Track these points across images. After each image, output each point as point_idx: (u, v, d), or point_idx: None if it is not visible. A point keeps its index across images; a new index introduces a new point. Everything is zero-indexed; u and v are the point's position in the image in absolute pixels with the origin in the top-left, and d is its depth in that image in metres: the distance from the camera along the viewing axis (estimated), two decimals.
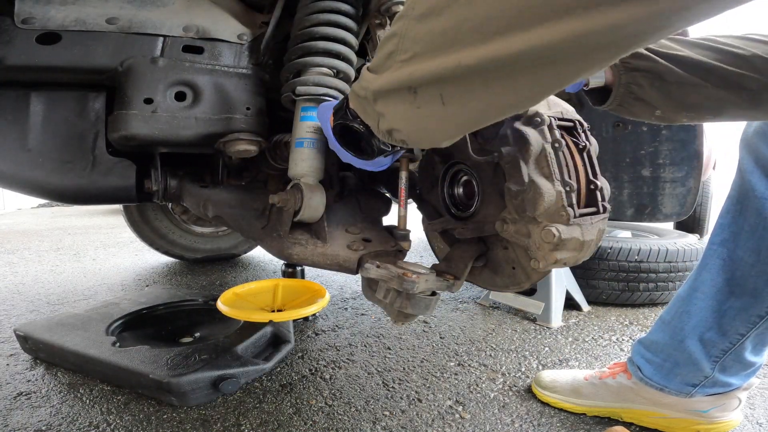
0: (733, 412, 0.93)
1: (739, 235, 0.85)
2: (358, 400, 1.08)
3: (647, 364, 0.97)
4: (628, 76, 0.63)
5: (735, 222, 0.86)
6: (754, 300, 0.84)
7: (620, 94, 0.65)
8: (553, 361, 1.30)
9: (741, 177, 0.85)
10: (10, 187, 1.00)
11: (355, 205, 1.01)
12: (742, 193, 0.85)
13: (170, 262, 2.61)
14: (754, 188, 0.82)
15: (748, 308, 0.85)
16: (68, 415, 1.00)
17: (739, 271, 0.86)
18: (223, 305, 1.10)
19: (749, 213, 0.84)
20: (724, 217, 0.89)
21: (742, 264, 0.85)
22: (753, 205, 0.83)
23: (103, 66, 0.91)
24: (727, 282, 0.88)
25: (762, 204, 0.82)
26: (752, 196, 0.83)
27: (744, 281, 0.85)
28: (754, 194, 0.82)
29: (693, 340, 0.90)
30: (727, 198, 0.88)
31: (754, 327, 0.85)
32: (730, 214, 0.88)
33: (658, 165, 1.07)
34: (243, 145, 0.98)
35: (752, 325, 0.85)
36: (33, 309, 1.76)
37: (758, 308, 0.84)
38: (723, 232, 0.88)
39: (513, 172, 0.68)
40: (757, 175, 0.81)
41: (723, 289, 0.88)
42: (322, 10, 0.91)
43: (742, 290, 0.86)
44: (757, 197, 0.82)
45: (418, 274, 0.72)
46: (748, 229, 0.84)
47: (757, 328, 0.85)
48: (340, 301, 1.84)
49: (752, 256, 0.83)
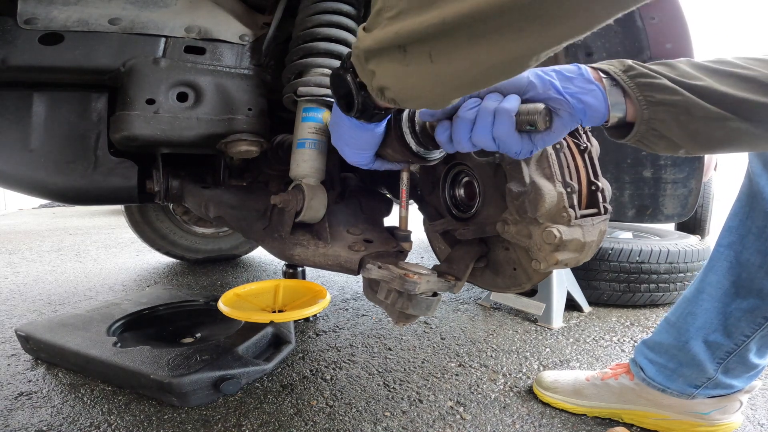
0: (734, 415, 0.93)
1: (747, 238, 0.86)
2: (359, 400, 1.08)
3: (650, 365, 0.97)
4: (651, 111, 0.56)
5: (743, 225, 0.87)
6: (760, 301, 0.84)
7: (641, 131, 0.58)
8: (554, 362, 1.30)
9: (749, 180, 0.86)
10: (12, 188, 1.00)
11: (357, 206, 1.01)
12: (751, 196, 0.85)
13: (171, 263, 2.61)
14: (762, 191, 0.83)
15: (754, 310, 0.85)
16: (69, 416, 1.00)
17: (746, 273, 0.86)
18: (224, 306, 1.10)
19: (757, 215, 0.84)
20: (732, 220, 0.89)
21: (748, 266, 0.85)
22: (761, 207, 0.83)
23: (106, 66, 0.91)
24: (733, 284, 0.88)
25: None
26: (760, 199, 0.83)
27: (750, 283, 0.85)
28: (762, 197, 0.83)
29: (698, 342, 0.90)
30: (736, 201, 0.89)
31: (759, 329, 0.85)
32: (738, 216, 0.88)
33: (659, 166, 1.07)
34: (244, 145, 0.98)
35: (757, 327, 0.85)
36: (34, 309, 1.76)
37: (764, 310, 0.84)
38: (731, 234, 0.89)
39: (514, 173, 0.68)
40: (765, 178, 0.82)
41: (729, 291, 0.88)
42: (324, 11, 0.91)
43: (748, 292, 0.86)
44: (765, 199, 0.82)
45: (420, 274, 0.72)
46: (756, 231, 0.84)
47: (762, 330, 0.85)
48: (341, 302, 1.84)
49: (759, 258, 0.84)
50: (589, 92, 0.55)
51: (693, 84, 0.55)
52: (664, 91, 0.56)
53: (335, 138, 0.71)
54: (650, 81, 0.56)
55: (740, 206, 0.88)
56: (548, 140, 0.57)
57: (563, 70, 0.56)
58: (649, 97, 0.56)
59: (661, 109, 0.56)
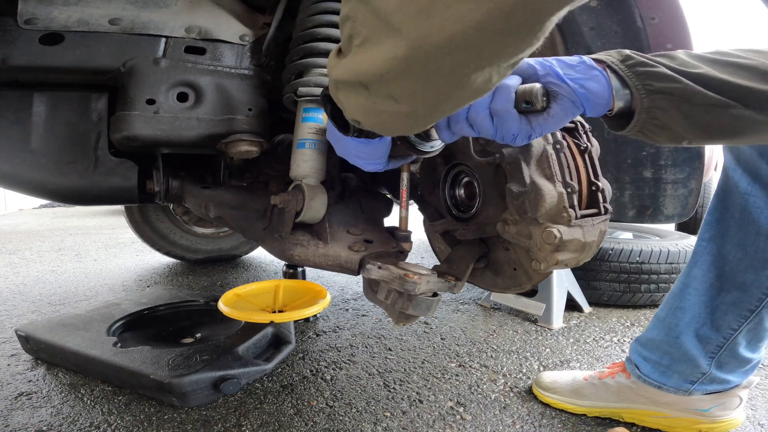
0: (735, 411, 0.93)
1: (727, 231, 0.87)
2: (359, 401, 1.08)
3: (644, 362, 0.98)
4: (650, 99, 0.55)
5: (722, 218, 0.88)
6: (743, 294, 0.85)
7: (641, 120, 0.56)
8: (554, 362, 1.30)
9: (725, 175, 0.88)
10: (13, 188, 1.00)
11: (357, 206, 1.01)
12: (727, 191, 0.87)
13: (171, 263, 2.61)
14: (737, 185, 0.85)
15: (738, 303, 0.86)
16: (69, 416, 1.00)
17: (728, 266, 0.87)
18: (224, 306, 1.10)
19: (735, 209, 0.86)
20: (712, 214, 0.91)
21: (730, 259, 0.87)
22: (737, 201, 0.85)
23: (106, 66, 0.91)
24: (717, 277, 0.89)
25: (745, 200, 0.84)
26: (736, 193, 0.85)
27: (733, 276, 0.87)
28: (738, 191, 0.85)
29: (689, 336, 0.91)
30: (714, 195, 0.91)
31: (745, 321, 0.86)
32: (717, 210, 0.90)
33: (659, 166, 1.07)
34: (245, 146, 0.98)
35: (743, 320, 0.86)
36: (34, 309, 1.76)
37: (748, 303, 0.85)
38: (711, 228, 0.90)
39: (514, 173, 0.68)
40: (739, 173, 0.84)
41: (714, 284, 0.89)
42: (324, 11, 0.91)
43: (731, 285, 0.87)
44: (741, 193, 0.84)
45: (420, 275, 0.72)
46: (735, 224, 0.86)
47: (749, 323, 0.86)
48: (341, 302, 1.84)
49: (739, 251, 0.85)
50: (592, 78, 0.54)
51: (692, 72, 0.55)
52: (663, 79, 0.55)
53: (341, 151, 0.67)
54: (649, 70, 0.55)
55: (718, 201, 0.89)
56: (547, 126, 0.54)
57: (564, 59, 0.56)
58: (648, 86, 0.55)
59: (660, 98, 0.55)
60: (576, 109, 0.54)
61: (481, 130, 0.55)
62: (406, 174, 0.82)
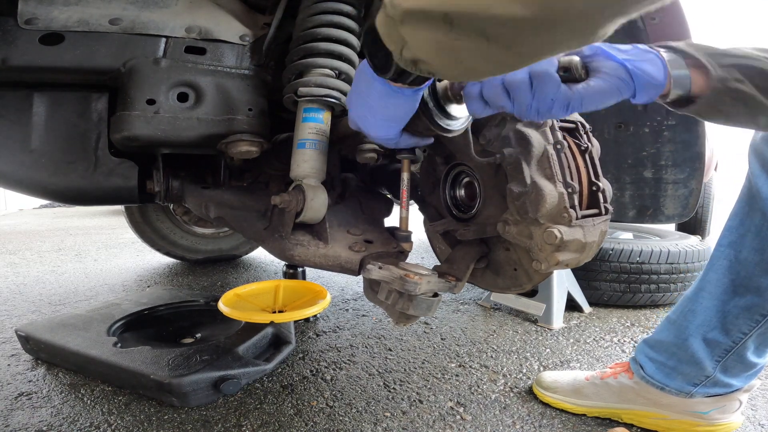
0: (734, 414, 0.93)
1: (746, 237, 0.87)
2: (359, 401, 1.08)
3: (650, 363, 0.98)
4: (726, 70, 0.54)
5: (742, 224, 0.88)
6: (757, 298, 0.85)
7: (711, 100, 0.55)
8: (555, 362, 1.30)
9: (749, 180, 0.87)
10: (13, 188, 1.00)
11: (357, 207, 1.01)
12: (750, 196, 0.87)
13: (171, 263, 2.61)
14: (761, 191, 0.84)
15: (752, 307, 0.86)
16: (69, 416, 1.00)
17: (744, 271, 0.87)
18: (224, 306, 1.10)
19: (755, 214, 0.86)
20: (733, 220, 0.90)
21: (746, 263, 0.86)
22: (759, 206, 0.85)
23: (106, 67, 0.91)
24: (732, 282, 0.89)
25: (767, 205, 0.83)
26: (758, 198, 0.85)
27: (748, 280, 0.86)
28: (761, 196, 0.84)
29: (697, 339, 0.91)
30: (737, 201, 0.90)
31: (756, 326, 0.86)
32: (738, 216, 0.89)
33: (660, 166, 1.07)
34: (245, 146, 0.98)
35: (755, 324, 0.86)
36: (34, 309, 1.76)
37: (761, 307, 0.85)
38: (731, 234, 0.90)
39: (515, 173, 0.68)
40: (764, 179, 0.83)
41: (728, 289, 0.89)
42: (324, 11, 0.91)
43: (746, 289, 0.87)
44: (763, 198, 0.84)
45: (420, 275, 0.72)
46: (754, 229, 0.86)
47: (760, 327, 0.86)
48: (341, 302, 1.84)
49: (756, 255, 0.85)
50: (646, 60, 0.53)
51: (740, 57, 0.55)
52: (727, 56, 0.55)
53: (357, 106, 0.61)
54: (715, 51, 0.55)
55: (740, 206, 0.89)
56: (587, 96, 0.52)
57: (615, 45, 0.54)
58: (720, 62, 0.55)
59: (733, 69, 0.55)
60: (624, 87, 0.53)
61: (518, 95, 0.52)
62: (407, 174, 0.82)
